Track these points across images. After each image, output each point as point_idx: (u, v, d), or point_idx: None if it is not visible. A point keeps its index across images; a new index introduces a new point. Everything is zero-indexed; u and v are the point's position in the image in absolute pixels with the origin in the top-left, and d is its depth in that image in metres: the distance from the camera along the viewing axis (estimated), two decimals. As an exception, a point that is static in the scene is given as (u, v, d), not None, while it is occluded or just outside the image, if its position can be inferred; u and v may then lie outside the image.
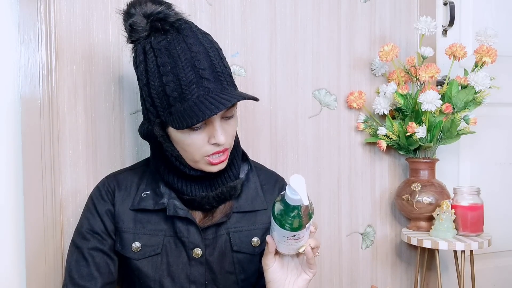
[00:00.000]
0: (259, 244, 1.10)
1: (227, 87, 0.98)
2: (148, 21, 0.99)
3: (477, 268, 1.60)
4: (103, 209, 1.07)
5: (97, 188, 1.11)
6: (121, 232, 1.06)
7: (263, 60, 1.42)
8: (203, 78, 0.96)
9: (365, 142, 1.56)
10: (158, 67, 0.97)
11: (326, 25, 1.50)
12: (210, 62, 0.98)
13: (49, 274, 1.21)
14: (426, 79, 1.44)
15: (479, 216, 1.44)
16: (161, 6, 1.00)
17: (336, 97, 1.52)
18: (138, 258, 1.05)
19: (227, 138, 1.00)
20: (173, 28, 0.99)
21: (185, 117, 0.93)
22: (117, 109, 1.27)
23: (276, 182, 1.18)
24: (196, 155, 1.00)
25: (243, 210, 1.10)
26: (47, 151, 1.20)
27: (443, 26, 1.71)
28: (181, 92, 0.95)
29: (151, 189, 1.08)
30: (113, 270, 1.07)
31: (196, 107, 0.93)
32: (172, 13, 1.00)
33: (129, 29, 1.02)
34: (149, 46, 0.99)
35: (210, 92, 0.95)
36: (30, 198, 1.19)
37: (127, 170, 1.14)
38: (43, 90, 1.19)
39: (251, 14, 1.40)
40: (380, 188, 1.59)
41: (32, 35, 1.19)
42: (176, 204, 1.04)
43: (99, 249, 1.06)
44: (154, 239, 1.05)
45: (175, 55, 0.97)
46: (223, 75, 0.99)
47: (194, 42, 0.98)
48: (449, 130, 1.45)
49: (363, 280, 1.57)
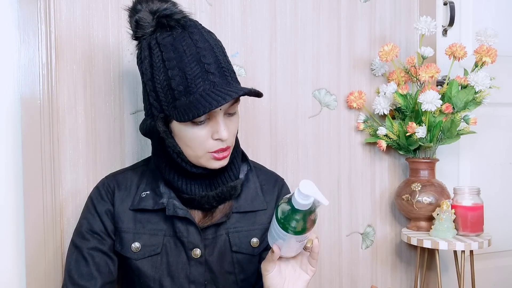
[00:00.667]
0: (258, 244, 1.10)
1: (231, 82, 0.99)
2: (154, 17, 1.00)
3: (477, 268, 1.60)
4: (102, 209, 1.07)
5: (97, 188, 1.11)
6: (120, 232, 1.06)
7: (263, 60, 1.42)
8: (209, 72, 0.97)
9: (365, 142, 1.56)
10: (164, 61, 0.98)
11: (326, 25, 1.50)
12: (216, 57, 0.99)
13: (49, 274, 1.21)
14: (426, 79, 1.44)
15: (479, 216, 1.44)
16: (166, 3, 1.01)
17: (336, 97, 1.52)
18: (137, 258, 1.05)
19: (229, 135, 1.01)
20: (179, 25, 1.00)
21: (191, 109, 0.94)
22: (117, 109, 1.27)
23: (276, 182, 1.18)
24: (198, 150, 1.00)
25: (243, 210, 1.10)
26: (47, 151, 1.20)
27: (443, 26, 1.71)
28: (186, 86, 0.96)
29: (150, 189, 1.08)
30: (113, 269, 1.07)
31: (203, 99, 0.94)
32: (178, 10, 1.01)
33: (134, 25, 1.02)
34: (155, 41, 1.00)
35: (216, 86, 0.96)
36: (30, 198, 1.19)
37: (127, 170, 1.14)
38: (43, 90, 1.20)
39: (251, 14, 1.40)
40: (380, 188, 1.59)
41: (32, 35, 1.19)
42: (176, 204, 1.04)
43: (99, 249, 1.06)
44: (154, 238, 1.06)
45: (181, 50, 0.97)
46: (227, 71, 1.00)
47: (199, 38, 0.99)
48: (449, 130, 1.45)
49: (363, 280, 1.57)
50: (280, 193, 1.16)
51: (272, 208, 1.13)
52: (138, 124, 1.29)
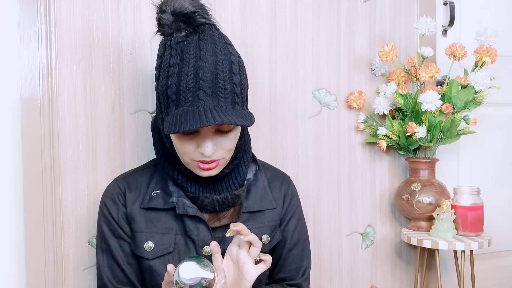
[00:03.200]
0: (268, 241, 1.12)
1: (222, 104, 0.96)
2: (174, 19, 0.99)
3: (477, 268, 1.60)
4: (117, 213, 1.09)
5: (108, 191, 1.11)
6: (134, 232, 1.08)
7: (263, 60, 1.42)
8: (200, 89, 0.95)
9: (365, 142, 1.56)
10: (169, 66, 0.98)
11: (326, 25, 1.50)
12: (215, 74, 0.96)
13: (49, 274, 1.21)
14: (426, 79, 1.44)
15: (479, 216, 1.44)
16: (192, 5, 0.98)
17: (336, 97, 1.52)
18: (151, 258, 1.06)
19: (217, 151, 1.00)
20: (195, 32, 0.99)
21: (172, 123, 0.93)
22: (117, 109, 1.27)
23: (283, 180, 1.20)
24: (185, 157, 1.02)
25: (252, 210, 1.11)
26: (47, 151, 1.20)
27: (443, 26, 1.71)
28: (178, 97, 0.96)
29: (160, 188, 1.09)
30: None
31: (185, 116, 0.93)
32: (199, 16, 0.99)
33: (157, 23, 1.02)
34: (169, 43, 1.00)
35: (202, 105, 0.94)
36: (30, 198, 1.19)
37: (137, 171, 1.15)
38: (43, 90, 1.19)
39: (251, 14, 1.40)
40: (380, 188, 1.59)
41: (32, 35, 1.19)
42: (186, 203, 1.06)
43: (126, 251, 1.08)
44: (166, 237, 1.07)
45: (186, 59, 0.97)
46: (223, 91, 0.96)
47: (208, 50, 0.97)
48: (449, 130, 1.45)
49: (363, 280, 1.57)
50: (286, 192, 1.18)
51: (280, 206, 1.15)
52: (138, 124, 1.29)
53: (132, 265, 1.09)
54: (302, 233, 1.19)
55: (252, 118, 0.98)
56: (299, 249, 1.17)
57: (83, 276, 1.25)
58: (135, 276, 1.09)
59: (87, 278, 1.26)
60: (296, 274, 1.16)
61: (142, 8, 1.28)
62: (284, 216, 1.16)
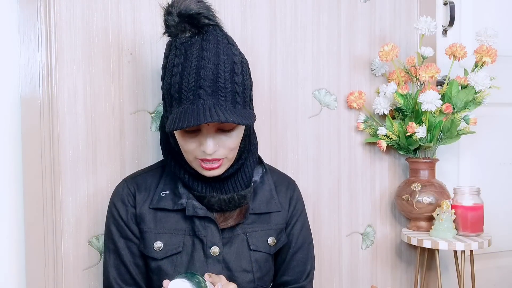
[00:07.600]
0: (275, 243, 1.13)
1: (223, 102, 0.97)
2: (179, 20, 1.00)
3: (477, 268, 1.60)
4: (126, 214, 1.09)
5: (117, 192, 1.12)
6: (143, 233, 1.08)
7: (263, 60, 1.42)
8: (201, 88, 0.96)
9: (365, 142, 1.56)
10: (173, 66, 0.99)
11: (326, 25, 1.50)
12: (216, 74, 0.97)
13: (49, 274, 1.21)
14: (426, 79, 1.44)
15: (479, 216, 1.44)
16: (197, 7, 0.99)
17: (336, 97, 1.52)
18: (160, 258, 1.07)
19: (219, 150, 1.00)
20: (199, 32, 1.00)
21: (173, 120, 0.95)
22: (117, 109, 1.27)
23: (289, 184, 1.21)
24: (189, 156, 1.03)
25: (259, 212, 1.12)
26: (47, 151, 1.20)
27: (443, 26, 1.71)
28: (180, 95, 0.97)
29: (169, 189, 1.10)
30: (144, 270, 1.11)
31: (184, 113, 0.94)
32: (203, 17, 1.00)
33: (164, 24, 1.03)
34: (175, 44, 1.01)
35: (202, 103, 0.96)
36: (30, 198, 1.19)
37: (146, 171, 1.15)
38: (43, 90, 1.19)
39: (251, 14, 1.40)
40: (380, 188, 1.59)
41: (32, 35, 1.19)
42: (195, 205, 1.06)
43: (133, 252, 1.09)
44: (175, 238, 1.07)
45: (189, 59, 0.98)
46: (224, 90, 0.97)
47: (210, 50, 0.99)
48: (449, 130, 1.45)
49: (363, 280, 1.57)
50: (292, 196, 1.19)
51: (285, 209, 1.16)
52: (138, 124, 1.29)
53: (139, 266, 1.09)
54: (307, 237, 1.20)
55: (252, 118, 0.99)
56: (303, 253, 1.18)
57: (83, 276, 1.25)
58: (141, 278, 1.10)
59: (87, 278, 1.26)
60: (300, 277, 1.17)
61: (142, 8, 1.28)
62: (289, 220, 1.17)
